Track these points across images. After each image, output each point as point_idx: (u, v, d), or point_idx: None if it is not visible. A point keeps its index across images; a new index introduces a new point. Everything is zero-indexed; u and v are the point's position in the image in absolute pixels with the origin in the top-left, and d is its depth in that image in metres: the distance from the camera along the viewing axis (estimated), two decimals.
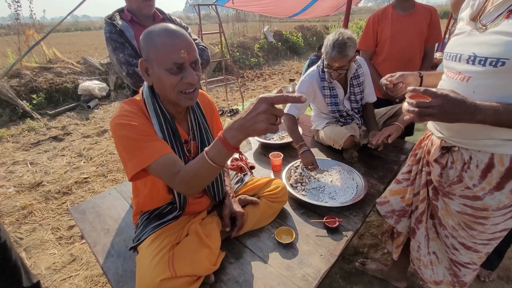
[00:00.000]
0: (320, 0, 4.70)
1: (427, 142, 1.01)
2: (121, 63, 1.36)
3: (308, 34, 11.54)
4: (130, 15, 1.42)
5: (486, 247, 0.94)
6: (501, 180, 0.80)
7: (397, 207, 1.16)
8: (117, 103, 5.11)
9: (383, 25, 1.85)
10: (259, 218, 1.16)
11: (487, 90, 0.74)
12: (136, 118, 0.84)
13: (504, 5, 0.71)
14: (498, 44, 0.69)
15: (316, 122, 1.90)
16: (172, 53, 0.77)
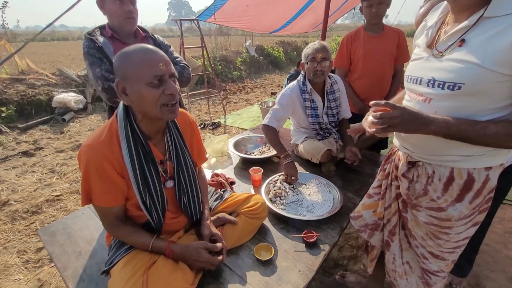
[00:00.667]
0: (299, 18, 4.92)
1: (394, 157, 1.07)
2: (97, 78, 1.34)
3: (289, 49, 11.92)
4: (111, 31, 1.42)
5: (452, 255, 1.00)
6: (461, 192, 0.87)
7: (370, 221, 1.20)
8: (95, 115, 4.96)
9: (355, 45, 1.97)
10: (238, 236, 1.15)
11: (447, 110, 0.80)
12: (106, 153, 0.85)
13: (455, 35, 0.78)
14: (454, 70, 0.76)
15: (296, 136, 1.95)
16: (151, 66, 0.80)
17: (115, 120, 0.90)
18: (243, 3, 3.97)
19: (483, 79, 0.71)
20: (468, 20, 0.74)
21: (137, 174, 0.89)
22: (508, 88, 0.71)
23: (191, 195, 1.07)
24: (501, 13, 0.69)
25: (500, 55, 0.68)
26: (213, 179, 1.54)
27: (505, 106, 0.75)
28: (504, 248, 1.86)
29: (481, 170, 0.83)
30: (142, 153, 0.91)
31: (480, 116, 0.76)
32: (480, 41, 0.72)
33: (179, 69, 1.53)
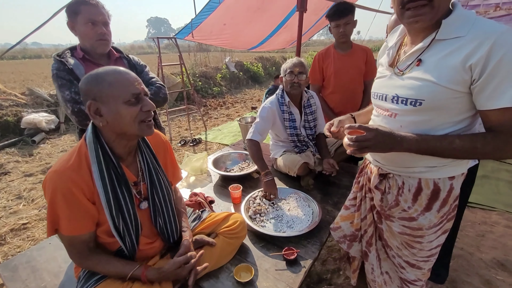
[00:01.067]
0: (275, 35, 5.10)
1: (367, 170, 1.11)
2: (66, 101, 1.30)
3: (267, 64, 12.24)
4: (82, 53, 1.39)
5: (427, 264, 1.03)
6: (429, 201, 0.91)
7: (348, 232, 1.21)
8: (68, 136, 4.74)
9: (327, 63, 2.07)
10: (217, 258, 1.12)
11: (411, 124, 0.85)
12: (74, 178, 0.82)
13: (413, 56, 0.85)
14: (414, 87, 0.81)
15: (274, 150, 1.97)
16: (128, 85, 0.83)
17: (84, 144, 0.87)
18: (220, 21, 4.06)
19: (440, 95, 0.77)
20: (423, 42, 0.81)
21: (110, 198, 0.86)
22: (463, 103, 0.78)
23: (167, 215, 1.05)
24: (450, 36, 0.76)
25: (453, 74, 0.74)
26: (192, 199, 1.50)
27: (462, 120, 0.81)
28: (478, 251, 1.94)
29: (445, 180, 0.88)
30: (115, 175, 0.88)
31: (441, 129, 0.82)
32: (435, 61, 0.78)
33: (155, 89, 1.52)
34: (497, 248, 1.97)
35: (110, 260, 0.90)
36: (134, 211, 0.92)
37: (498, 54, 0.67)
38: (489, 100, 0.72)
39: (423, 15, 0.75)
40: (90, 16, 1.30)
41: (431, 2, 0.73)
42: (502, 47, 0.67)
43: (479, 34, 0.71)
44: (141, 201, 0.98)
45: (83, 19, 1.30)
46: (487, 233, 2.12)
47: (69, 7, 1.31)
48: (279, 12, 4.30)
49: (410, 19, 0.78)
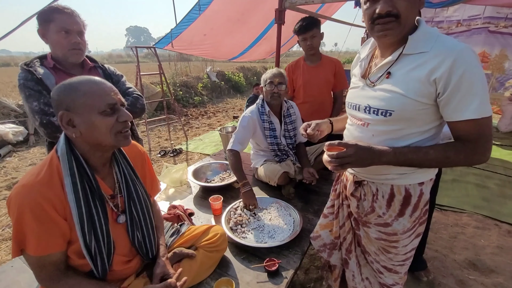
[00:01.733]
0: (256, 46, 5.20)
1: (343, 178, 1.13)
2: (34, 112, 1.23)
3: (249, 74, 12.38)
4: (53, 62, 1.32)
5: (403, 268, 1.05)
6: (402, 207, 0.94)
7: (327, 241, 1.22)
8: (38, 148, 4.47)
9: (296, 74, 2.13)
10: (197, 272, 1.08)
11: (382, 133, 0.89)
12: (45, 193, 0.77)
13: (383, 68, 0.89)
14: (385, 99, 0.85)
15: (255, 160, 1.97)
16: (103, 95, 0.81)
17: (55, 156, 0.83)
18: (200, 32, 4.07)
19: (408, 107, 0.81)
20: (392, 56, 0.85)
21: (82, 213, 0.81)
22: (429, 114, 0.83)
23: (146, 229, 1.00)
24: (415, 51, 0.80)
25: (419, 87, 0.79)
26: (170, 212, 1.46)
27: (429, 129, 0.86)
28: (451, 253, 2.03)
29: (415, 186, 0.92)
30: (89, 188, 0.84)
31: (410, 138, 0.86)
32: (402, 74, 0.82)
33: (132, 100, 1.48)
34: (468, 249, 2.07)
35: (82, 283, 0.84)
36: (107, 227, 0.87)
37: (459, 71, 0.73)
38: (454, 113, 0.77)
39: (391, 29, 0.80)
40: (64, 25, 1.26)
41: (398, 18, 0.78)
42: (462, 64, 0.73)
43: (441, 51, 0.76)
44: (119, 214, 0.94)
45: (56, 27, 1.25)
46: (459, 235, 2.23)
47: (41, 14, 1.26)
48: (258, 24, 4.39)
49: (380, 33, 0.82)
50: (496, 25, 4.52)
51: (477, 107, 0.74)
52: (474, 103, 0.74)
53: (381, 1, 0.78)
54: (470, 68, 0.73)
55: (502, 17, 4.45)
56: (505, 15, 4.43)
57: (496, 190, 2.86)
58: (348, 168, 0.87)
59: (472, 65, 0.73)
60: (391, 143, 0.88)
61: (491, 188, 2.89)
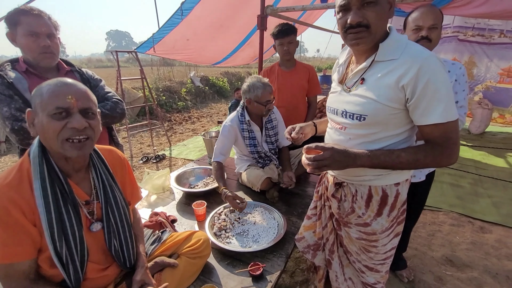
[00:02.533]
0: (239, 51, 5.23)
1: (324, 180, 1.16)
2: (4, 118, 1.17)
3: (233, 79, 12.40)
4: (25, 65, 1.27)
5: (384, 266, 1.08)
6: (379, 207, 0.97)
7: (311, 242, 1.24)
8: (9, 156, 4.23)
9: (271, 79, 2.17)
10: (179, 280, 1.06)
11: (358, 136, 0.93)
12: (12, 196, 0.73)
13: (358, 74, 0.92)
14: (359, 104, 0.89)
15: (239, 165, 1.97)
16: (56, 97, 0.77)
17: (27, 159, 0.79)
18: (183, 37, 4.05)
19: (380, 112, 0.85)
20: (366, 62, 0.88)
21: (52, 218, 0.77)
22: (401, 118, 0.86)
23: (123, 237, 0.97)
24: (385, 58, 0.84)
25: (389, 92, 0.82)
26: (152, 219, 1.42)
27: (402, 132, 0.90)
28: (429, 250, 2.11)
29: (391, 186, 0.95)
30: (61, 193, 0.80)
31: (384, 140, 0.90)
32: (374, 80, 0.86)
33: (111, 104, 1.44)
34: (445, 246, 2.16)
35: None
36: (80, 234, 0.83)
37: (424, 78, 0.77)
38: (422, 117, 0.81)
39: (362, 38, 0.83)
40: (32, 28, 1.20)
41: (369, 28, 0.82)
42: (427, 72, 0.77)
43: (408, 58, 0.80)
44: (93, 222, 0.89)
45: (23, 30, 1.20)
46: (436, 232, 2.32)
47: (9, 17, 1.20)
48: (241, 29, 4.44)
49: (352, 41, 0.86)
50: (464, 34, 4.82)
51: (442, 112, 0.78)
52: (439, 108, 0.78)
53: (351, 12, 0.81)
54: (434, 75, 0.77)
55: (470, 27, 4.76)
56: (472, 25, 4.74)
57: (469, 188, 3.02)
58: (325, 170, 0.89)
59: (436, 72, 0.77)
60: (367, 145, 0.91)
61: (464, 187, 3.05)
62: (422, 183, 1.49)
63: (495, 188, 3.04)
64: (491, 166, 3.59)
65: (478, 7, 2.40)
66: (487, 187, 3.06)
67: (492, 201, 2.77)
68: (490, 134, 4.96)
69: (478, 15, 2.78)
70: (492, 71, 4.80)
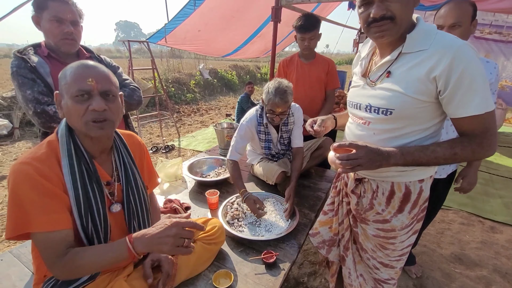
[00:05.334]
0: (249, 44, 5.20)
1: (344, 175, 1.15)
2: (27, 100, 1.20)
3: (242, 73, 12.35)
4: (47, 50, 1.29)
5: (399, 263, 1.07)
6: (401, 204, 0.95)
7: (326, 237, 1.23)
8: (23, 142, 4.32)
9: (290, 70, 2.15)
10: (194, 264, 1.08)
11: (383, 132, 0.90)
12: (42, 169, 0.75)
13: (383, 67, 0.89)
14: (385, 97, 0.86)
15: (251, 157, 1.98)
16: (78, 80, 0.78)
17: (55, 137, 0.82)
18: (194, 28, 4.04)
19: (408, 105, 0.82)
20: (391, 55, 0.86)
21: (79, 195, 0.80)
22: (429, 111, 0.84)
23: (142, 219, 1.00)
24: (414, 49, 0.81)
25: (418, 85, 0.79)
26: (166, 206, 1.45)
27: (430, 127, 0.87)
28: (438, 248, 2.10)
29: (415, 183, 0.93)
30: (86, 171, 0.83)
31: (411, 135, 0.87)
32: (402, 72, 0.83)
33: (129, 91, 1.46)
34: (454, 244, 2.15)
35: (87, 249, 0.79)
36: (104, 212, 0.86)
37: (459, 68, 0.73)
38: (458, 109, 0.78)
39: (387, 31, 0.80)
40: (57, 14, 1.23)
41: (393, 20, 0.78)
42: (461, 62, 0.73)
43: (439, 48, 0.77)
44: (113, 203, 0.92)
45: (49, 15, 1.22)
46: (446, 231, 2.31)
47: (37, 0, 1.23)
48: (253, 21, 4.40)
49: (376, 35, 0.83)
50: (481, 31, 4.69)
51: (479, 103, 0.75)
52: (476, 99, 0.75)
53: (375, 5, 0.78)
54: (469, 65, 0.73)
55: (487, 24, 4.62)
56: (489, 22, 4.61)
57: (479, 188, 2.98)
58: (358, 170, 0.84)
59: (471, 62, 0.74)
60: (392, 141, 0.88)
61: (475, 188, 3.01)
62: (443, 180, 1.46)
63: (507, 188, 3.00)
64: (502, 167, 3.53)
65: (500, 2, 2.34)
66: (499, 187, 3.03)
67: (503, 201, 2.74)
68: (503, 134, 4.87)
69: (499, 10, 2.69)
70: (508, 70, 4.67)
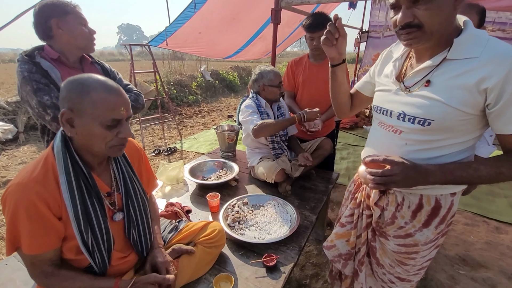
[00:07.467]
0: (250, 45, 5.20)
1: (365, 186, 1.06)
2: (46, 106, 1.19)
3: (243, 74, 12.36)
4: (57, 54, 1.28)
5: (416, 276, 1.03)
6: (428, 218, 0.90)
7: (343, 251, 1.16)
8: (28, 146, 4.37)
9: (298, 70, 2.14)
10: (195, 267, 1.09)
11: (416, 143, 0.84)
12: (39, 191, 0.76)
13: (421, 73, 0.81)
14: (423, 106, 0.79)
15: (251, 158, 1.98)
16: (112, 110, 0.78)
17: (51, 153, 0.81)
18: (195, 30, 4.06)
19: (449, 116, 0.75)
20: (432, 60, 0.78)
21: (78, 211, 0.81)
22: (471, 125, 0.78)
23: (142, 227, 1.00)
24: (461, 56, 0.74)
25: (464, 95, 0.73)
26: (168, 209, 1.45)
27: (468, 140, 0.81)
28: (442, 249, 2.08)
29: (447, 196, 0.87)
30: (85, 186, 0.83)
31: (447, 148, 0.81)
32: (445, 80, 0.76)
33: (134, 96, 1.52)
34: (458, 245, 2.13)
35: (77, 276, 0.84)
36: (106, 225, 0.87)
37: None
38: (509, 125, 0.72)
39: (415, 39, 0.75)
40: (81, 17, 1.29)
41: (421, 28, 0.73)
42: None
43: (493, 57, 0.70)
44: (116, 212, 0.93)
45: (76, 19, 1.27)
46: (450, 231, 2.29)
47: (58, 6, 1.23)
48: (253, 23, 4.40)
49: (405, 42, 0.79)
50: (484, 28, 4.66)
51: None
52: None
53: (400, 12, 0.74)
54: None
55: (490, 21, 4.57)
56: (492, 19, 4.56)
57: (484, 188, 2.95)
58: (392, 187, 0.80)
59: None
60: (425, 153, 0.83)
61: (480, 187, 2.96)
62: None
63: None
64: None
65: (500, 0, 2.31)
66: (504, 187, 2.99)
67: (508, 202, 2.70)
68: None
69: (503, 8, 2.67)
70: None
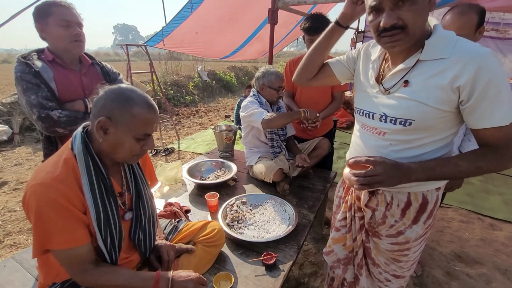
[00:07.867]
0: (247, 46, 5.21)
1: None
2: (32, 106, 1.21)
3: (240, 74, 12.37)
4: (52, 55, 1.30)
5: (409, 271, 1.07)
6: (417, 214, 0.93)
7: (341, 256, 1.17)
8: (23, 148, 4.33)
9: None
10: (195, 267, 1.09)
11: (400, 142, 0.86)
12: (63, 190, 0.77)
13: (398, 75, 0.83)
14: (403, 107, 0.81)
15: (250, 158, 1.99)
16: (147, 126, 0.84)
17: (71, 154, 0.83)
18: (192, 30, 4.05)
19: (428, 115, 0.78)
20: (406, 62, 0.81)
21: (100, 211, 0.83)
22: (448, 122, 0.81)
23: (147, 227, 1.02)
24: (433, 57, 0.77)
25: (440, 94, 0.76)
26: (166, 209, 1.45)
27: (446, 136, 0.85)
28: (438, 246, 2.11)
29: (433, 192, 0.91)
30: (104, 186, 0.86)
31: (428, 146, 0.85)
32: (421, 81, 0.79)
33: None
34: (454, 242, 2.16)
35: (116, 269, 0.87)
36: (119, 223, 0.90)
37: (484, 78, 0.70)
38: (481, 120, 0.74)
39: (399, 40, 0.76)
40: (64, 17, 1.25)
41: (405, 29, 0.74)
42: (487, 71, 0.70)
43: (462, 57, 0.73)
44: (126, 211, 0.96)
45: (56, 20, 1.24)
46: (445, 229, 2.32)
47: (39, 9, 1.24)
48: (250, 23, 4.41)
49: (387, 45, 0.79)
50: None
51: (505, 114, 0.72)
52: (501, 109, 0.72)
53: (384, 14, 0.74)
54: (495, 75, 0.70)
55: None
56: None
57: (479, 186, 3.00)
58: (376, 187, 0.82)
59: (496, 72, 0.71)
60: (409, 152, 0.86)
61: (474, 184, 3.03)
62: None
63: (506, 185, 3.01)
64: None
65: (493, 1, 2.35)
66: (498, 184, 3.04)
67: (502, 199, 2.75)
68: None
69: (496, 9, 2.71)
70: (505, 67, 4.67)
